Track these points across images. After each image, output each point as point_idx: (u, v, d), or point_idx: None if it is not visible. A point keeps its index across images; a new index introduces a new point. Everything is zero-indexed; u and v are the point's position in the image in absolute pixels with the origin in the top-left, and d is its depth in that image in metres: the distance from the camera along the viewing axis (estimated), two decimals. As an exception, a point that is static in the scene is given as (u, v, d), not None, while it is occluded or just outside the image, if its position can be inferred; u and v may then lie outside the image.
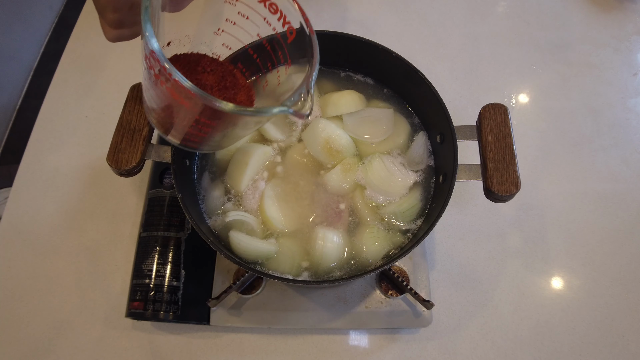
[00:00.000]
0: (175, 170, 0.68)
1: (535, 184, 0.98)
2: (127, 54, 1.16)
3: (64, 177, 0.99)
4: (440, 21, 1.21)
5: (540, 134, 1.05)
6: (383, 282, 0.83)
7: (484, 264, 0.90)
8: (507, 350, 0.83)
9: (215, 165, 0.80)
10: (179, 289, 0.79)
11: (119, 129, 0.69)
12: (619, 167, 1.00)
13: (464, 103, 1.08)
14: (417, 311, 0.82)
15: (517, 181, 0.65)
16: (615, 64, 1.14)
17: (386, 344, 0.83)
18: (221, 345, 0.84)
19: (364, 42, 0.78)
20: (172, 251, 0.81)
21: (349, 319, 0.82)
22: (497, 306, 0.87)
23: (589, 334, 0.84)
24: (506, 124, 0.70)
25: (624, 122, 1.06)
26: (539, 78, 1.13)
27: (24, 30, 1.40)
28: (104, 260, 0.91)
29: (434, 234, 0.93)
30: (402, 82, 0.82)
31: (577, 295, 0.88)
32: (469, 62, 1.14)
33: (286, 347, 0.83)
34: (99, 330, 0.84)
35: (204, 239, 0.64)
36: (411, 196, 0.76)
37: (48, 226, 0.94)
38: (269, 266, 0.72)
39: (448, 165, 0.70)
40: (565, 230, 0.94)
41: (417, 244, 0.65)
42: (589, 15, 1.22)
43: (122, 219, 0.95)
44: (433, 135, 0.79)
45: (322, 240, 0.71)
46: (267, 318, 0.82)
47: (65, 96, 1.09)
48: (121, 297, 0.86)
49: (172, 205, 0.85)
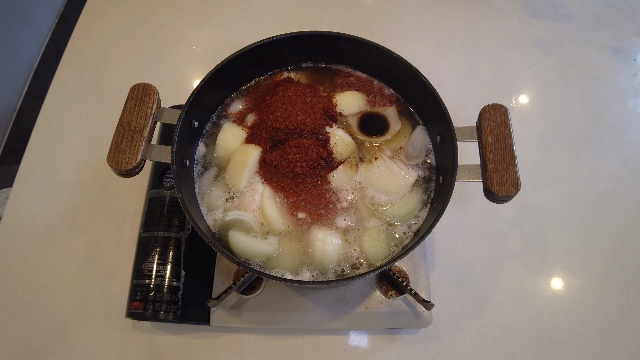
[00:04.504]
0: (175, 170, 0.68)
1: (535, 185, 0.98)
2: (127, 54, 1.16)
3: (64, 177, 0.99)
4: (440, 22, 1.21)
5: (540, 135, 1.05)
6: (383, 282, 0.83)
7: (483, 264, 0.90)
8: (507, 351, 0.83)
9: (214, 166, 0.80)
10: (179, 289, 0.79)
11: (119, 129, 0.69)
12: (619, 168, 1.00)
13: (464, 103, 1.08)
14: (417, 312, 0.82)
15: (517, 182, 0.65)
16: (615, 64, 1.14)
17: (386, 344, 0.84)
18: (221, 345, 0.84)
19: (365, 43, 0.78)
20: (172, 251, 0.81)
21: (349, 320, 0.82)
22: (497, 307, 0.87)
23: (588, 334, 0.84)
24: (506, 124, 0.70)
25: (624, 122, 1.06)
26: (539, 79, 1.13)
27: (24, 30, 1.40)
28: (104, 260, 0.91)
29: (434, 234, 0.93)
30: (403, 82, 0.82)
31: (577, 295, 0.88)
32: (469, 62, 1.15)
33: (286, 348, 0.83)
34: (99, 330, 0.85)
35: (203, 239, 0.64)
36: (411, 197, 0.76)
37: (48, 226, 0.94)
38: (269, 266, 0.72)
39: (448, 165, 0.70)
40: (565, 231, 0.94)
41: (417, 244, 0.66)
42: (589, 15, 1.22)
43: (122, 219, 0.95)
44: (433, 136, 0.80)
45: (322, 241, 0.71)
46: (267, 318, 0.82)
47: (65, 96, 1.09)
48: (121, 297, 0.86)
49: (172, 205, 0.85)
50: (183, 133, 0.72)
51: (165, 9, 1.23)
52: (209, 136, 0.82)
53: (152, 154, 0.70)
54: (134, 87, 0.73)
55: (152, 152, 0.70)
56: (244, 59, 0.77)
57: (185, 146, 0.76)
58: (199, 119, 0.79)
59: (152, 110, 0.70)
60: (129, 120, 0.69)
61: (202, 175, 0.79)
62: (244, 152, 0.77)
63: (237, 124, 0.81)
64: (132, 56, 1.16)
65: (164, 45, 1.17)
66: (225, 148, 0.79)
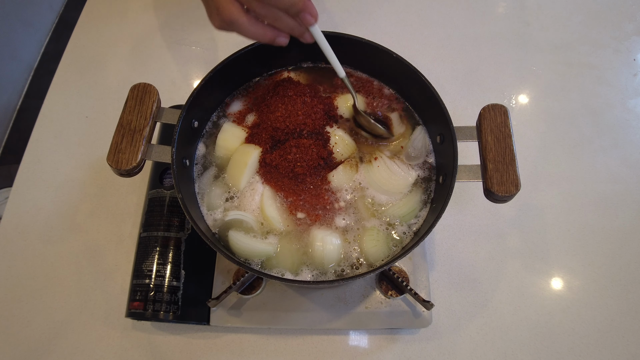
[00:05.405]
0: (175, 170, 0.68)
1: (535, 185, 0.98)
2: (127, 54, 1.16)
3: (64, 177, 0.99)
4: (441, 22, 1.21)
5: (540, 135, 1.05)
6: (383, 282, 0.83)
7: (483, 264, 0.90)
8: (507, 351, 0.83)
9: (214, 165, 0.80)
10: (179, 289, 0.79)
11: (119, 129, 0.69)
12: (619, 168, 1.00)
13: (464, 103, 1.08)
14: (417, 311, 0.82)
15: (517, 182, 0.65)
16: (615, 64, 1.14)
17: (386, 344, 0.84)
18: (221, 345, 0.84)
19: (365, 43, 0.78)
20: (172, 251, 0.81)
21: (348, 320, 0.82)
22: (497, 307, 0.87)
23: (588, 334, 0.84)
24: (506, 124, 0.70)
25: (624, 122, 1.06)
26: (539, 79, 1.13)
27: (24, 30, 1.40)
28: (104, 260, 0.91)
29: (434, 234, 0.93)
30: (403, 82, 0.82)
31: (577, 295, 0.88)
32: (469, 62, 1.15)
33: (286, 348, 0.83)
34: (99, 330, 0.85)
35: (203, 239, 0.64)
36: (411, 197, 0.76)
37: (48, 226, 0.94)
38: (269, 266, 0.72)
39: (448, 165, 0.70)
40: (565, 231, 0.94)
41: (417, 244, 0.66)
42: (589, 15, 1.22)
43: (122, 219, 0.95)
44: (433, 136, 0.80)
45: (322, 241, 0.71)
46: (267, 318, 0.82)
47: (65, 96, 1.09)
48: (121, 297, 0.86)
49: (172, 205, 0.85)
50: (183, 133, 0.72)
51: (165, 9, 1.23)
52: (209, 136, 0.82)
53: (152, 154, 0.70)
54: (134, 87, 0.73)
55: (152, 152, 0.70)
56: (244, 59, 0.77)
57: (185, 146, 0.76)
58: (199, 119, 0.79)
59: (152, 110, 0.70)
60: (129, 120, 0.69)
61: (202, 175, 0.79)
62: (243, 152, 0.77)
63: (237, 124, 0.81)
64: (132, 56, 1.15)
65: (164, 45, 1.17)
66: (225, 148, 0.79)
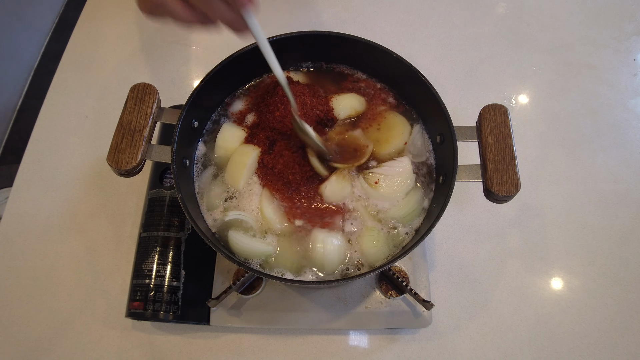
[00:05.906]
0: (175, 170, 0.68)
1: (535, 185, 0.98)
2: (127, 54, 1.16)
3: (64, 177, 0.99)
4: (441, 22, 1.21)
5: (540, 135, 1.05)
6: (383, 282, 0.83)
7: (483, 264, 0.90)
8: (507, 351, 0.83)
9: (214, 165, 0.80)
10: (179, 289, 0.79)
11: (119, 129, 0.69)
12: (619, 168, 1.00)
13: (464, 104, 1.08)
14: (417, 311, 0.82)
15: (516, 182, 0.65)
16: (615, 64, 1.14)
17: (386, 344, 0.84)
18: (221, 345, 0.84)
19: (365, 43, 0.78)
20: (172, 251, 0.81)
21: (348, 320, 0.82)
22: (497, 306, 0.87)
23: (588, 334, 0.84)
24: (506, 124, 0.70)
25: (624, 122, 1.06)
26: (539, 79, 1.13)
27: (24, 30, 1.40)
28: (104, 260, 0.91)
29: (434, 234, 0.93)
30: (403, 82, 0.82)
31: (577, 295, 0.88)
32: (469, 62, 1.15)
33: (286, 348, 0.83)
34: (99, 330, 0.85)
35: (203, 238, 0.64)
36: (411, 198, 0.76)
37: (48, 226, 0.94)
38: (269, 266, 0.72)
39: (448, 165, 0.70)
40: (565, 231, 0.94)
41: (417, 244, 0.66)
42: (588, 15, 1.22)
43: (122, 219, 0.95)
44: (433, 136, 0.80)
45: (322, 242, 0.71)
46: (267, 318, 0.82)
47: (65, 96, 1.09)
48: (121, 297, 0.86)
49: (172, 205, 0.85)
50: (183, 133, 0.72)
51: (165, 9, 1.23)
52: (209, 135, 0.82)
53: (152, 154, 0.70)
54: (134, 87, 0.73)
55: (152, 152, 0.70)
56: (244, 59, 0.77)
57: (185, 146, 0.76)
58: (199, 119, 0.80)
59: (152, 110, 0.70)
60: (129, 120, 0.69)
61: (201, 174, 0.79)
62: (243, 152, 0.77)
63: (236, 124, 0.82)
64: (132, 56, 1.15)
65: (164, 45, 1.17)
66: (224, 148, 0.79)
